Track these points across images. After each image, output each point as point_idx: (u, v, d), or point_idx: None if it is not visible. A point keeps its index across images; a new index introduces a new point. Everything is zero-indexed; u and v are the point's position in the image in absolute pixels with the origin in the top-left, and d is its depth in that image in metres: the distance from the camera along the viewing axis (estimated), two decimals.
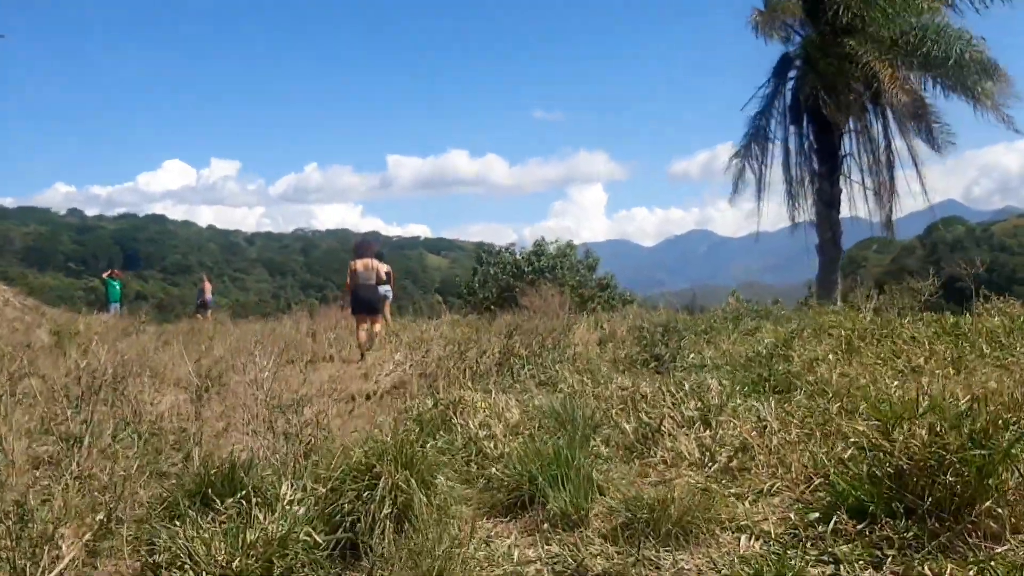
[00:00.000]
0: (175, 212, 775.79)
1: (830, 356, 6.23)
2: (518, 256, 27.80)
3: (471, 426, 4.85)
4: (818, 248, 17.16)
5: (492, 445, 4.54)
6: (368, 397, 6.68)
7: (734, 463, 3.95)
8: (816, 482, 3.57)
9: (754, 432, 4.19)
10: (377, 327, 10.93)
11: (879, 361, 6.10)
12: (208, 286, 24.97)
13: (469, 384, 6.33)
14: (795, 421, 4.38)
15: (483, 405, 5.20)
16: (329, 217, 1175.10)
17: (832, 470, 3.53)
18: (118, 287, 23.38)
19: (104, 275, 24.73)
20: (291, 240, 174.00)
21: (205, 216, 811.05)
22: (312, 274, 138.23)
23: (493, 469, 4.14)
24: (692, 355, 7.45)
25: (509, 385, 6.55)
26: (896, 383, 4.90)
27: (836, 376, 5.44)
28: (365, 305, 10.75)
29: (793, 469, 3.74)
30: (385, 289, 14.96)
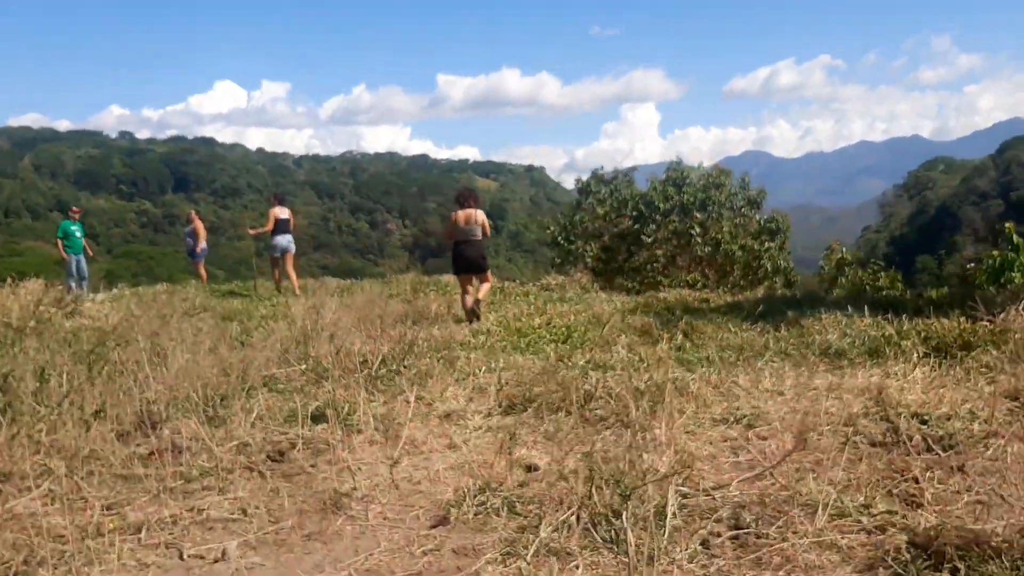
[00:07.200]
0: (225, 134, 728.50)
1: None
2: (647, 188, 19.02)
3: None
4: None
5: None
6: None
7: None
8: None
9: None
10: (485, 288, 9.58)
11: None
12: (200, 227, 16.96)
13: None
14: None
15: None
16: (378, 139, 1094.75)
17: None
18: (79, 232, 15.09)
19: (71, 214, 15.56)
20: (339, 163, 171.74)
21: (255, 139, 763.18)
22: (361, 197, 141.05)
23: None
24: None
25: None
26: None
27: None
28: (470, 264, 9.45)
29: None
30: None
